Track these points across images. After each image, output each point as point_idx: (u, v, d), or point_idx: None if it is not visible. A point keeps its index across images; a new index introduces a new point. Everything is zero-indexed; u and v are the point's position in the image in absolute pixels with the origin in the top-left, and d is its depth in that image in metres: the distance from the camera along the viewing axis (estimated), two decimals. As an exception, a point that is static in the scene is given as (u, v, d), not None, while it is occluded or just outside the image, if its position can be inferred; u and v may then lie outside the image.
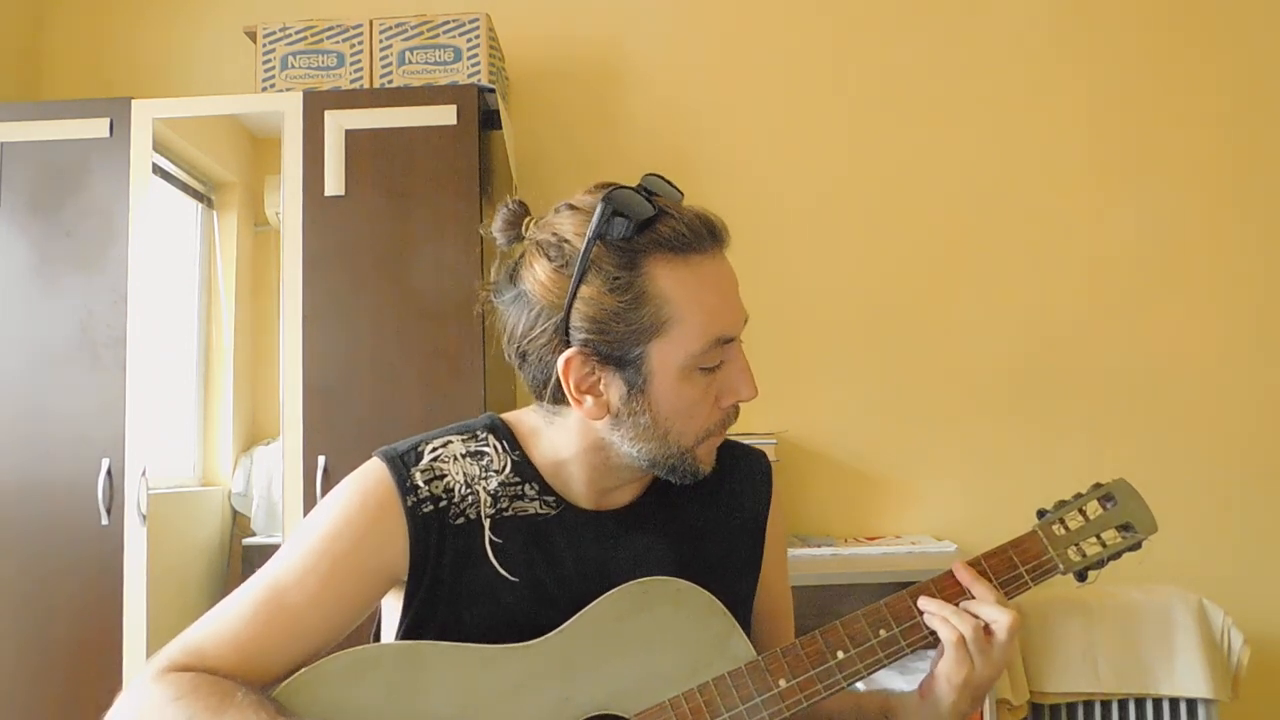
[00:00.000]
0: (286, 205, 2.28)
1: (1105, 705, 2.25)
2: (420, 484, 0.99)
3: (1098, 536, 1.05)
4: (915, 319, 2.71)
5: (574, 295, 0.94)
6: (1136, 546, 1.06)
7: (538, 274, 0.96)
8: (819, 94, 2.78)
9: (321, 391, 2.23)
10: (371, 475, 1.01)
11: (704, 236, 0.95)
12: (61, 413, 2.25)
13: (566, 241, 0.95)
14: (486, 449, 1.03)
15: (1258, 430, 2.65)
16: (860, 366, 2.70)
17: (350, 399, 2.23)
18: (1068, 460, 2.63)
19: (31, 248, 2.30)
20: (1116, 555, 1.05)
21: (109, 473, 2.21)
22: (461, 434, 1.04)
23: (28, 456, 2.24)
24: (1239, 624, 2.25)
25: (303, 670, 0.94)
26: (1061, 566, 1.03)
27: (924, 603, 1.00)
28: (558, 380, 0.96)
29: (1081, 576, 1.05)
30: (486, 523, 1.00)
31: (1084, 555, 1.04)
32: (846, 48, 2.80)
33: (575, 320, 0.94)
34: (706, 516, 1.10)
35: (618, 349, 0.94)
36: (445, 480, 1.00)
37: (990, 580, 1.01)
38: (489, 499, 1.01)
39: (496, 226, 1.03)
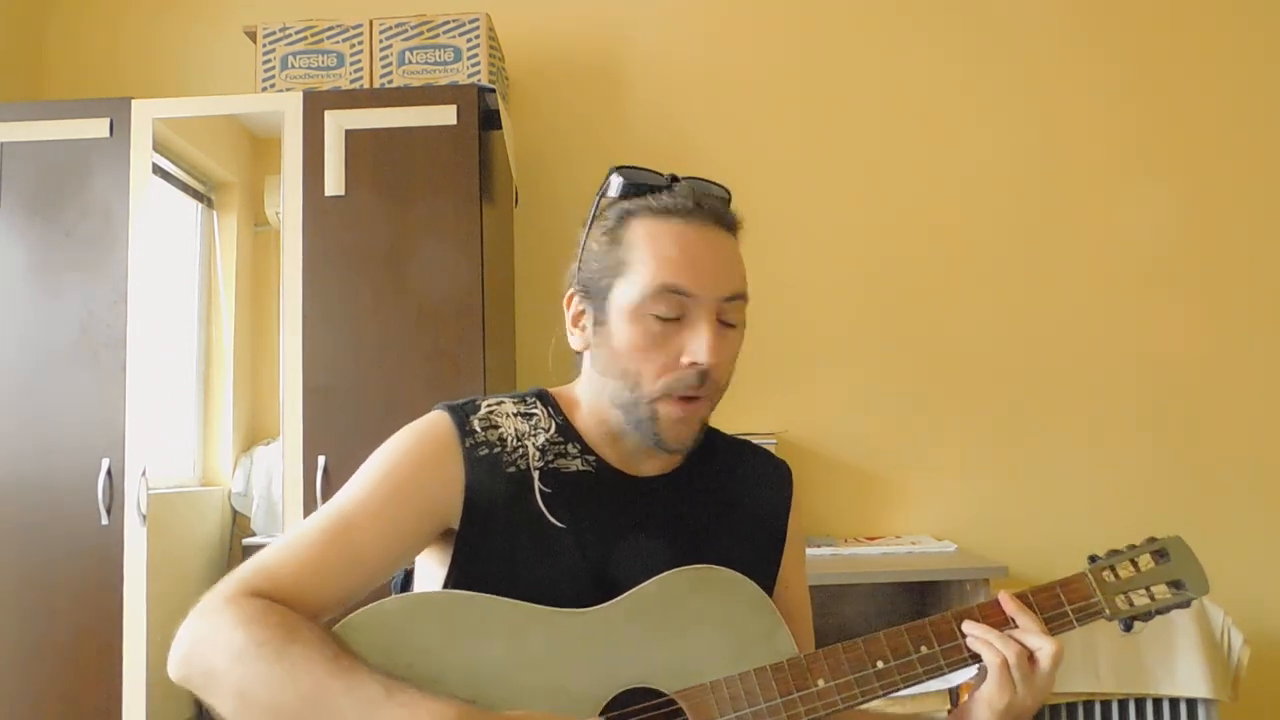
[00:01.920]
0: (286, 205, 2.28)
1: (1105, 705, 2.25)
2: (478, 429, 1.07)
3: (1147, 589, 1.06)
4: (916, 319, 2.71)
5: (584, 244, 1.10)
6: (1186, 604, 1.07)
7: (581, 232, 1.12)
8: (819, 93, 2.78)
9: (321, 391, 2.23)
10: (432, 419, 1.08)
11: (689, 208, 1.05)
12: (61, 413, 2.25)
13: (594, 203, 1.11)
14: (535, 411, 1.11)
15: (1258, 430, 2.66)
16: (861, 367, 2.70)
17: (350, 399, 2.23)
18: (1068, 461, 2.63)
19: (31, 248, 2.30)
20: (1165, 610, 1.05)
21: (109, 473, 2.21)
22: (513, 398, 1.13)
23: (28, 456, 2.24)
24: (1239, 624, 2.25)
25: (361, 610, 0.96)
26: (1108, 611, 1.04)
27: (969, 626, 1.03)
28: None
29: (1128, 626, 1.05)
30: (535, 474, 1.06)
31: (1131, 605, 1.05)
32: (847, 45, 2.80)
33: (580, 264, 1.09)
34: (737, 506, 1.16)
35: (593, 286, 1.07)
36: (500, 430, 1.08)
37: (1035, 612, 1.03)
38: (537, 453, 1.08)
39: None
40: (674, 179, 1.09)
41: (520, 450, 1.07)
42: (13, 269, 2.29)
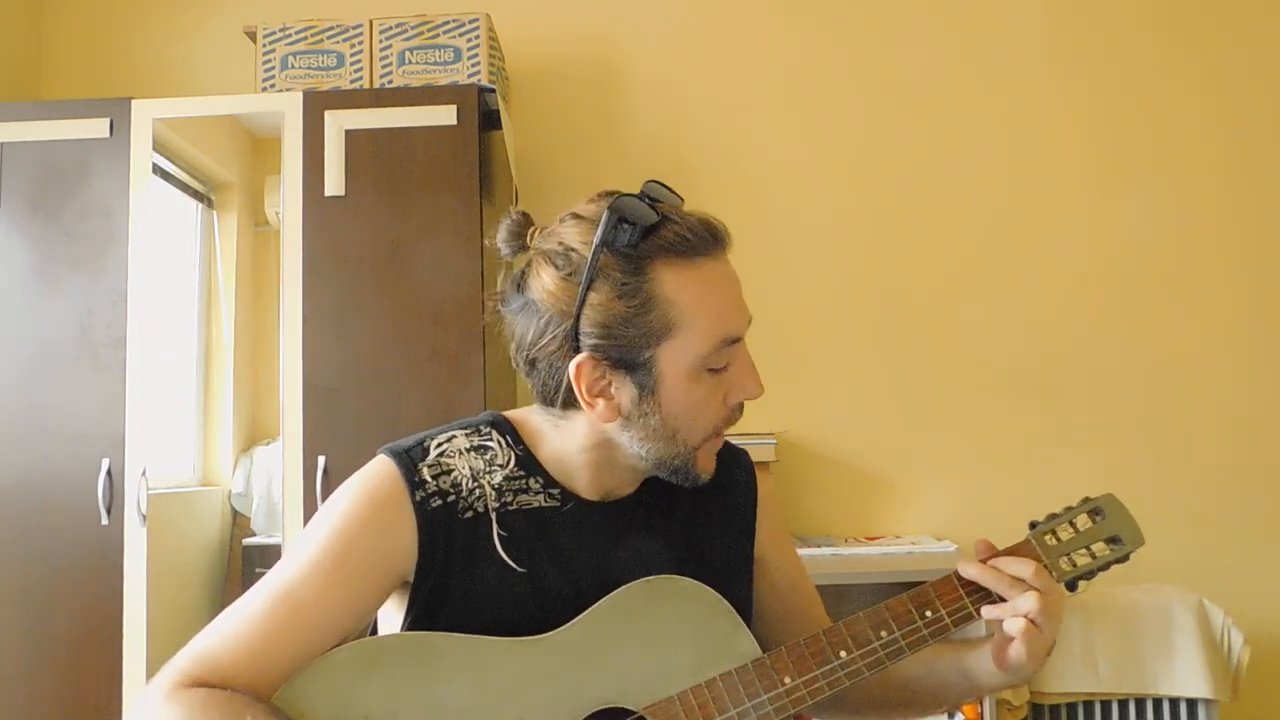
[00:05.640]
0: (286, 205, 2.28)
1: (1105, 705, 2.25)
2: (428, 479, 1.00)
3: (1087, 548, 1.09)
4: (915, 319, 2.71)
5: (583, 302, 0.96)
6: (1124, 559, 1.10)
7: (545, 283, 0.98)
8: (820, 93, 2.78)
9: (321, 391, 2.23)
10: (379, 471, 1.01)
11: (707, 240, 0.98)
12: (61, 413, 2.25)
13: (573, 250, 0.97)
14: (490, 443, 1.05)
15: (1258, 429, 2.65)
16: (860, 366, 2.70)
17: (350, 399, 2.23)
18: (1068, 460, 2.63)
19: (31, 248, 2.30)
20: (1105, 567, 1.09)
21: (109, 473, 2.21)
22: (465, 429, 1.06)
23: (28, 456, 2.24)
24: (1239, 624, 2.25)
25: (313, 661, 0.94)
26: (1054, 575, 1.06)
27: (970, 571, 1.02)
28: (569, 385, 0.98)
29: (1072, 586, 1.08)
30: (493, 515, 1.01)
31: (1074, 565, 1.08)
32: (848, 47, 2.80)
33: (585, 326, 0.96)
34: (703, 511, 1.12)
35: (628, 353, 0.96)
36: (452, 475, 1.01)
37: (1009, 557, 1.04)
38: (494, 492, 1.02)
39: (501, 238, 1.05)
40: (651, 200, 0.99)
41: (477, 491, 1.01)
42: (13, 269, 2.29)
